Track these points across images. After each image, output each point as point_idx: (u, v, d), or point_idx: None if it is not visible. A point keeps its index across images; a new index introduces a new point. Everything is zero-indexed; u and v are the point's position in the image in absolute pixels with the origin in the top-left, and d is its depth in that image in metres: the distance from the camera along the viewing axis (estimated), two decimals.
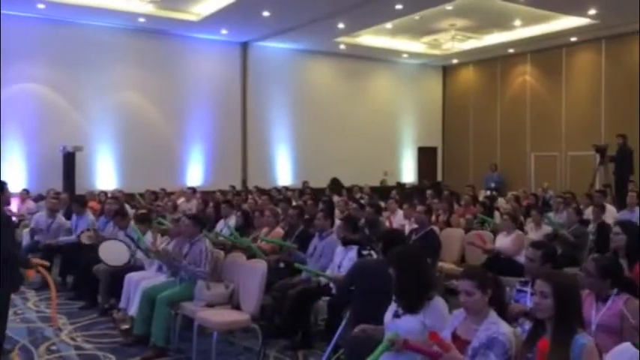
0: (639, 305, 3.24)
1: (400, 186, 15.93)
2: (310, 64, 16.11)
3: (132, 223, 6.46)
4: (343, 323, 4.21)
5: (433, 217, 8.39)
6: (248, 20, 12.66)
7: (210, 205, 8.37)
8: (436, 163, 18.59)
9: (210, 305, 4.74)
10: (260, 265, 4.73)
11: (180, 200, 11.03)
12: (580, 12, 12.06)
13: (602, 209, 7.37)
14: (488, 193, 12.94)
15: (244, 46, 14.99)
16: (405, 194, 11.64)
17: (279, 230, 6.27)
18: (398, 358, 3.01)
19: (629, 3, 11.04)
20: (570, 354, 2.51)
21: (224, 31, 13.76)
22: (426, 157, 18.30)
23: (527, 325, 3.17)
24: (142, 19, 12.53)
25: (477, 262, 6.20)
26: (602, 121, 14.06)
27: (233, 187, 13.13)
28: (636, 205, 7.95)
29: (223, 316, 4.55)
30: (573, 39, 14.20)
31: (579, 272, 4.34)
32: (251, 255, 5.57)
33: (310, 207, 7.52)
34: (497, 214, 9.14)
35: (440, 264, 6.59)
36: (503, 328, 2.78)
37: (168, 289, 4.99)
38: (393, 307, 3.28)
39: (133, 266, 5.81)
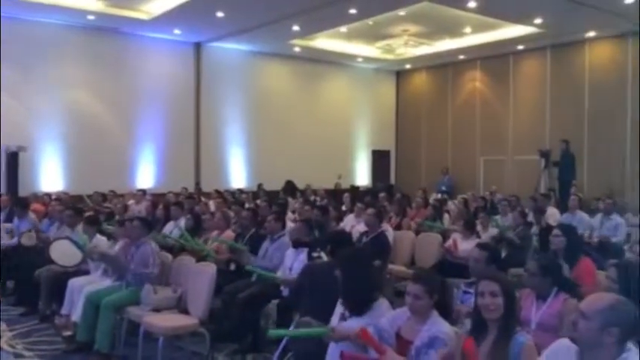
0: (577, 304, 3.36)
1: (354, 189, 16.07)
2: (265, 66, 16.05)
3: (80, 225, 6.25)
4: (292, 326, 4.20)
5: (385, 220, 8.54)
6: (201, 20, 12.50)
7: (160, 207, 8.21)
8: (389, 167, 18.82)
9: (158, 310, 4.65)
10: (209, 269, 4.67)
11: (130, 202, 10.79)
12: (526, 21, 12.44)
13: (542, 213, 7.62)
14: (439, 196, 13.19)
15: (198, 47, 14.80)
16: (358, 197, 11.72)
17: (229, 233, 6.20)
18: None
19: (573, 13, 11.51)
20: (510, 352, 2.59)
21: (177, 31, 13.55)
22: (379, 160, 18.51)
23: None
24: (91, 17, 12.19)
25: (427, 265, 6.30)
26: (547, 126, 14.56)
27: (185, 189, 12.93)
28: (577, 209, 8.25)
29: (170, 320, 4.47)
30: (520, 47, 14.66)
31: (524, 273, 4.47)
32: (200, 258, 5.50)
33: (263, 209, 7.47)
34: (446, 216, 9.35)
35: (390, 266, 6.67)
36: (445, 327, 2.86)
37: (114, 293, 4.87)
38: (339, 309, 3.30)
39: (77, 270, 5.63)
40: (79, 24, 12.63)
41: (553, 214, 8.52)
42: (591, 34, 13.38)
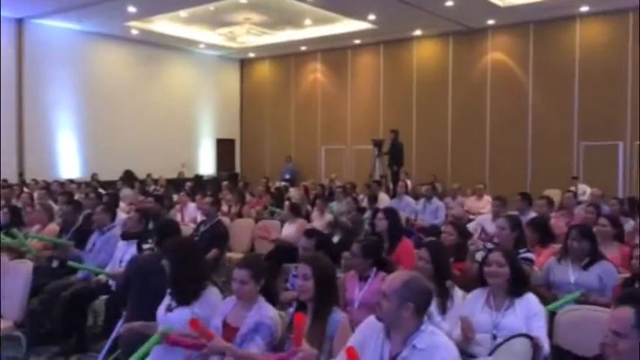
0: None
1: (198, 178, 15.79)
2: (100, 47, 15.02)
3: None
4: (120, 322, 4.02)
5: (225, 208, 8.52)
6: None
7: None
8: (234, 155, 18.77)
9: None
10: (24, 267, 4.28)
11: None
12: (361, 16, 13.12)
13: (375, 198, 8.14)
14: (282, 184, 13.46)
15: (20, 23, 13.38)
16: (200, 186, 11.54)
17: (53, 227, 5.73)
18: (169, 354, 2.98)
19: (402, 12, 12.37)
20: (327, 330, 2.74)
21: None
22: (224, 148, 18.39)
23: None
24: None
25: (266, 251, 6.41)
26: (380, 117, 15.55)
27: (5, 180, 11.68)
28: (404, 194, 8.93)
29: None
30: (357, 41, 15.42)
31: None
32: (19, 255, 5.02)
33: (92, 201, 7.02)
34: (287, 204, 9.58)
35: (229, 254, 6.69)
36: (269, 313, 2.92)
37: None
38: (166, 300, 3.23)
39: None
40: None
41: (383, 200, 9.12)
42: (418, 32, 14.50)
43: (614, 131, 12.21)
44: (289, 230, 6.72)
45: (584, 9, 12.17)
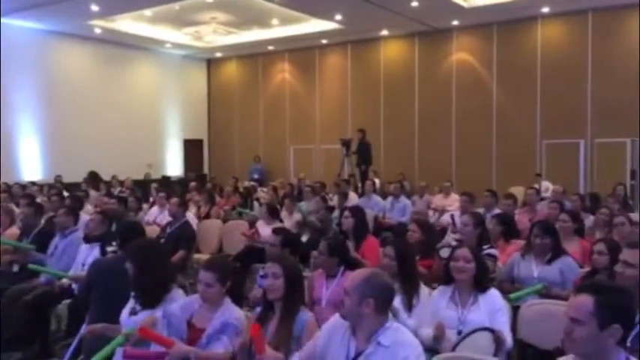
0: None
1: (165, 179, 15.59)
2: (62, 47, 14.66)
3: None
4: (84, 326, 3.94)
5: (194, 209, 8.42)
6: None
7: None
8: (202, 156, 18.59)
9: None
10: None
11: None
12: (327, 16, 13.12)
13: (345, 197, 8.17)
14: (251, 184, 13.38)
15: None
16: (167, 187, 11.40)
17: (13, 230, 5.59)
18: None
19: (369, 12, 12.43)
20: (294, 329, 2.74)
21: None
22: (192, 149, 18.19)
23: None
24: None
25: (234, 252, 6.36)
26: (348, 117, 15.61)
27: None
28: (372, 192, 8.99)
29: None
30: (324, 41, 15.44)
31: None
32: None
33: (54, 203, 6.86)
34: (256, 204, 9.55)
35: (197, 255, 6.62)
36: (236, 313, 2.91)
37: None
38: (131, 303, 3.18)
39: None
40: None
41: (352, 198, 9.16)
42: (385, 32, 14.60)
43: (575, 129, 12.52)
44: (266, 231, 6.64)
45: (545, 10, 12.45)
